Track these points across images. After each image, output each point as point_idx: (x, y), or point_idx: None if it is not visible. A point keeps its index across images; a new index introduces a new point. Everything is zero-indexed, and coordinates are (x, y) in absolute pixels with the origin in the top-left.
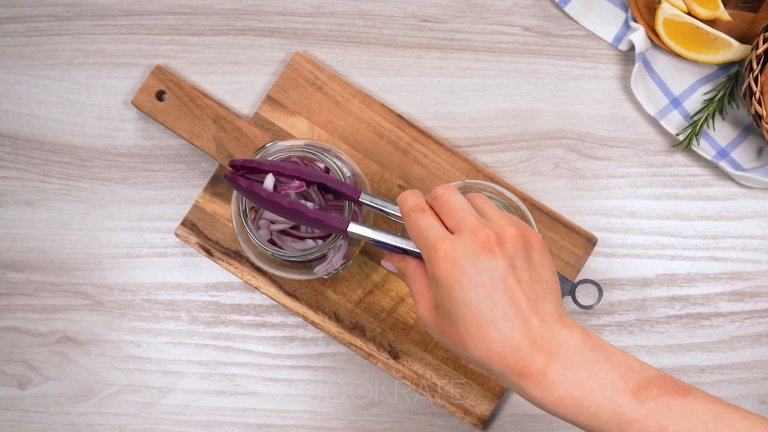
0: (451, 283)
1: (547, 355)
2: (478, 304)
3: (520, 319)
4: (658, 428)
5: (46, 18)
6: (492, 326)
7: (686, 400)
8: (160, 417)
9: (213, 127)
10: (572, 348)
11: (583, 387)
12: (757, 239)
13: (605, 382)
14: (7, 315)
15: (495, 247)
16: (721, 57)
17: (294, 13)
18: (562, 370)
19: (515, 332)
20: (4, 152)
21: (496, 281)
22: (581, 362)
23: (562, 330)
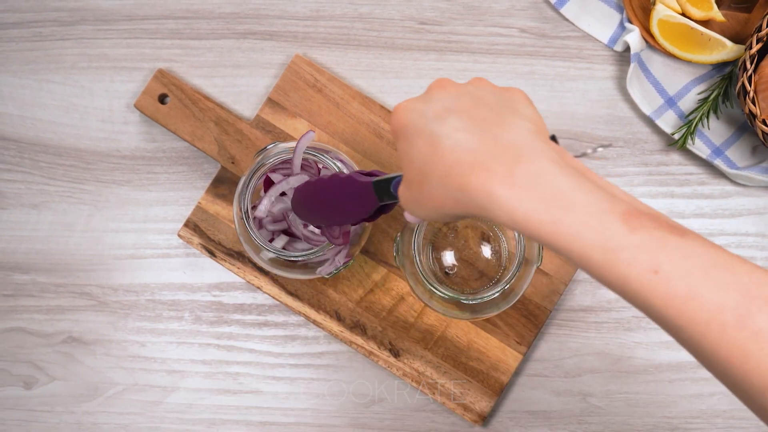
0: (402, 124)
1: (514, 157)
2: (429, 126)
3: (477, 129)
4: (649, 263)
5: (49, 23)
6: (444, 137)
7: (684, 239)
8: (164, 415)
9: (215, 130)
10: (547, 157)
11: (563, 198)
12: (752, 236)
13: (590, 198)
14: (13, 316)
15: (447, 84)
16: (715, 57)
17: (294, 17)
18: (533, 175)
19: (473, 136)
20: (9, 155)
21: (447, 105)
22: (558, 172)
23: (535, 140)
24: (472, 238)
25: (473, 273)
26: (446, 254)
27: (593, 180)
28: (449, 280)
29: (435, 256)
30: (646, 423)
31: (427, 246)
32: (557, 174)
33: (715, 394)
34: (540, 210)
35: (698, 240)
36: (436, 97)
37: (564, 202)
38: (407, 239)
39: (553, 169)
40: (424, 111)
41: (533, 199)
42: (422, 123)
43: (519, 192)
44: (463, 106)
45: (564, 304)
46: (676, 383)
